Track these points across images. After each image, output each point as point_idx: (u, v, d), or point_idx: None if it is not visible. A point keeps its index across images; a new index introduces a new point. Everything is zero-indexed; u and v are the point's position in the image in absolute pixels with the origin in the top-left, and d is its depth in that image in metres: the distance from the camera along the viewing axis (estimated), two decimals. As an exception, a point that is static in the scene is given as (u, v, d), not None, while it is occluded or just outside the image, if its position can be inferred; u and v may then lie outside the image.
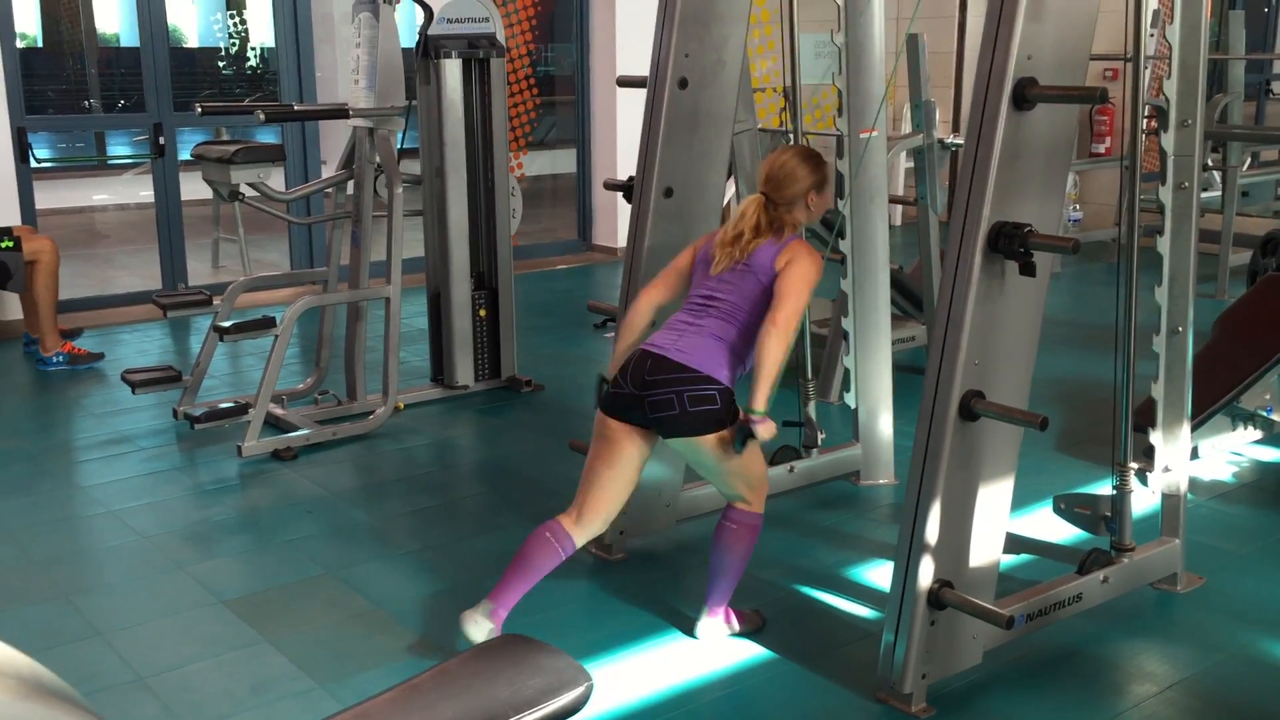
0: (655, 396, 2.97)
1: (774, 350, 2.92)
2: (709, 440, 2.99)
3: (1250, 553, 3.77)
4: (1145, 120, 3.37)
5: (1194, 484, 4.09)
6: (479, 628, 3.01)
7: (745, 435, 2.94)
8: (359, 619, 3.38)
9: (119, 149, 13.37)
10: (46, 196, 7.83)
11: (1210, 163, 7.47)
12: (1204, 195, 6.84)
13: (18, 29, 6.92)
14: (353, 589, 3.56)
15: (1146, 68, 7.43)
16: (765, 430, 2.94)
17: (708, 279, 3.11)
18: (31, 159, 6.67)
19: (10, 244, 5.82)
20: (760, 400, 2.91)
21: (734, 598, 3.24)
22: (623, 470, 3.09)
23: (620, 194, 3.88)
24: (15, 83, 6.48)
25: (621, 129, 8.50)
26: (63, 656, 3.14)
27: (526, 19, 8.45)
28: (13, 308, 6.42)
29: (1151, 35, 7.35)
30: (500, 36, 5.33)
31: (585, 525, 3.11)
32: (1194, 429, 4.00)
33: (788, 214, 3.10)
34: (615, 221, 8.63)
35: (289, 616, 3.40)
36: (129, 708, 2.91)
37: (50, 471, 4.58)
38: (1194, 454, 4.35)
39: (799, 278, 3.01)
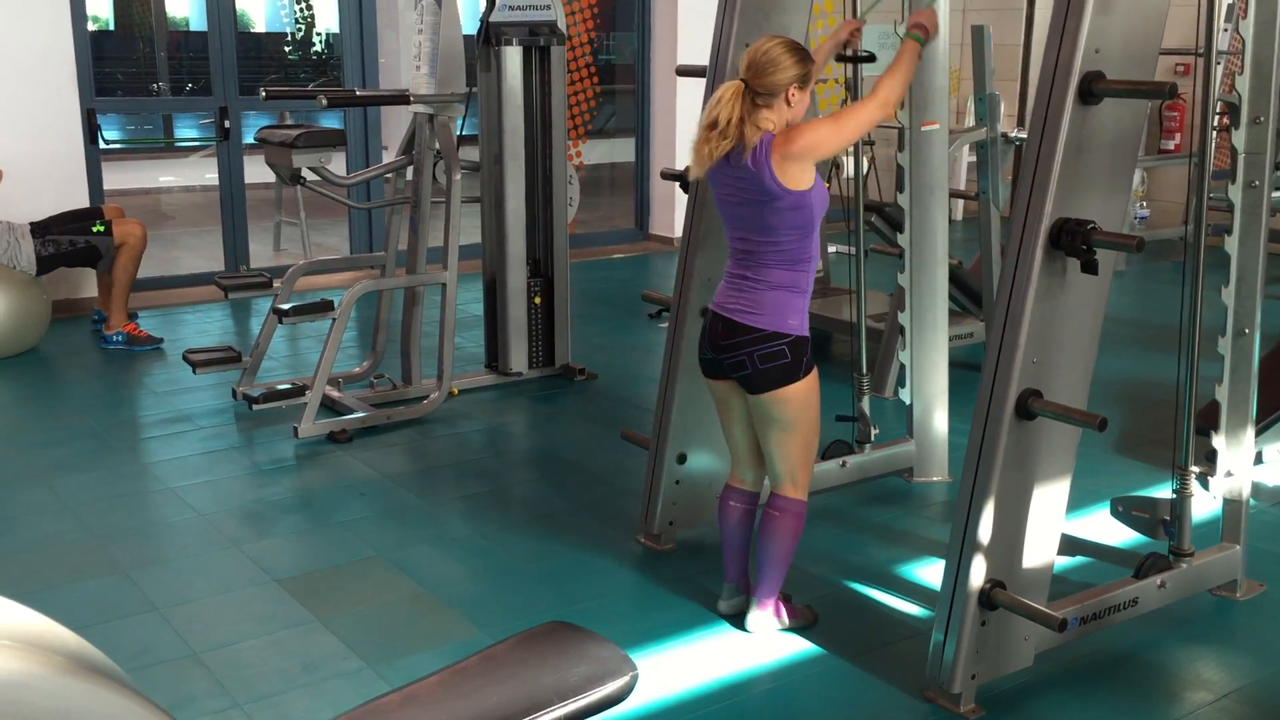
0: (731, 359, 3.03)
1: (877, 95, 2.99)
2: (788, 393, 3.00)
3: (1314, 561, 3.68)
4: (1216, 117, 3.30)
5: (1257, 489, 3.99)
6: (731, 604, 3.27)
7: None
8: (409, 601, 3.42)
9: (186, 131, 13.57)
10: (115, 177, 7.97)
11: (1284, 161, 7.29)
12: (1278, 194, 6.67)
13: (91, 12, 7.06)
14: (403, 572, 3.59)
15: (1219, 63, 7.27)
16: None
17: (726, 207, 3.01)
18: (100, 140, 6.79)
19: (101, 228, 5.96)
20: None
21: (788, 589, 3.23)
22: (746, 421, 3.18)
23: (677, 184, 3.87)
24: (86, 65, 6.60)
25: (681, 119, 8.47)
26: (119, 630, 3.21)
27: (588, 7, 8.46)
28: (87, 287, 6.55)
29: (1225, 30, 7.18)
30: (561, 24, 5.34)
31: (743, 474, 3.27)
32: (1258, 433, 3.91)
33: (765, 107, 2.90)
34: (673, 211, 8.61)
35: (340, 597, 3.44)
36: (182, 682, 2.97)
37: (112, 448, 4.67)
38: (1258, 459, 4.26)
39: (814, 126, 2.91)
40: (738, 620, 3.24)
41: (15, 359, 5.78)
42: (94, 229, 5.97)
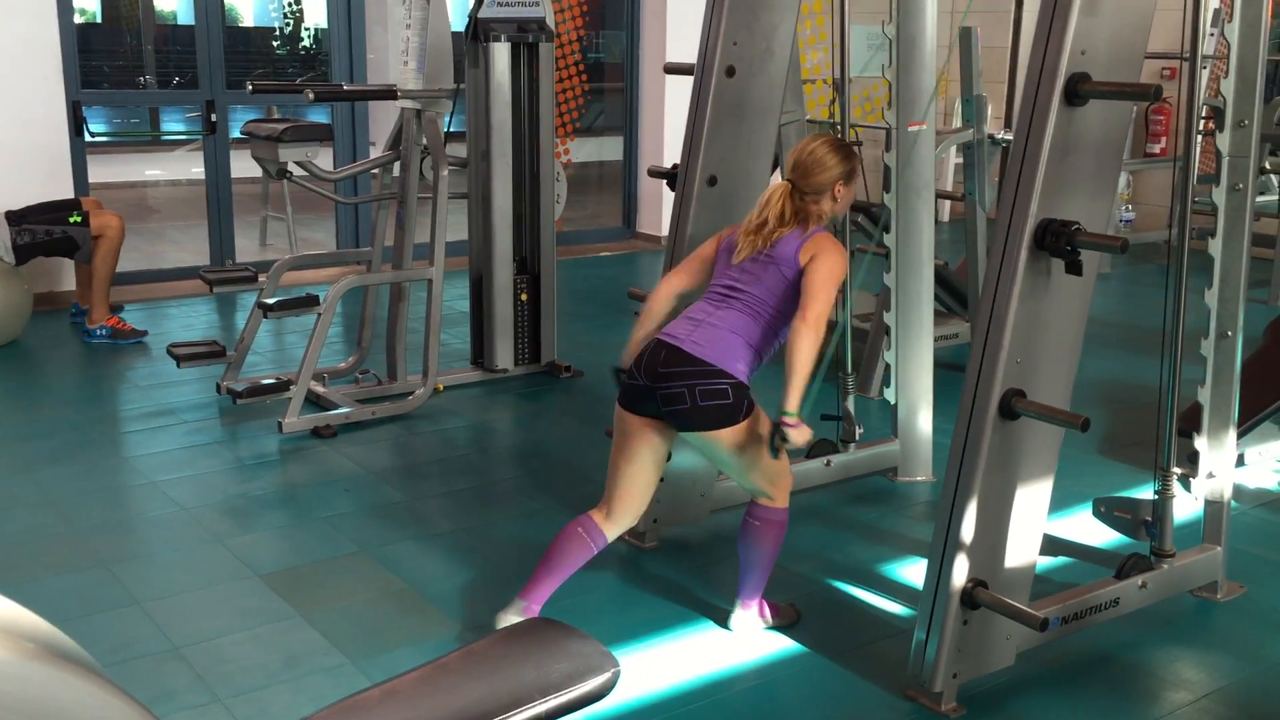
0: (667, 389, 2.92)
1: (806, 349, 2.86)
2: (722, 435, 2.95)
3: (1294, 563, 3.71)
4: (1202, 121, 3.31)
5: (1238, 491, 4.02)
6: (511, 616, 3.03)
7: (779, 439, 2.88)
8: (391, 597, 3.41)
9: (172, 125, 13.51)
10: (100, 170, 7.92)
11: (1268, 166, 7.33)
12: (1261, 199, 6.69)
13: (78, 4, 7.01)
14: (386, 567, 3.58)
15: (1204, 67, 7.30)
16: (799, 435, 2.87)
17: (729, 268, 3.08)
18: (86, 133, 6.75)
19: (78, 219, 5.93)
20: (793, 402, 2.84)
21: (769, 590, 3.23)
22: (642, 464, 3.06)
23: (665, 182, 3.87)
24: (72, 57, 6.56)
25: (669, 117, 8.47)
26: (100, 624, 3.19)
27: (577, 4, 8.45)
28: (67, 279, 6.51)
29: (1211, 34, 7.22)
30: (550, 21, 5.33)
31: (615, 520, 3.10)
32: (1240, 435, 3.93)
33: (814, 204, 3.04)
34: (660, 209, 8.61)
35: (323, 592, 3.43)
36: (163, 676, 2.95)
37: (95, 442, 4.64)
38: (1239, 461, 4.28)
39: (825, 273, 2.96)
40: (719, 617, 3.24)
41: (-2, 351, 5.76)
42: (70, 219, 5.93)
